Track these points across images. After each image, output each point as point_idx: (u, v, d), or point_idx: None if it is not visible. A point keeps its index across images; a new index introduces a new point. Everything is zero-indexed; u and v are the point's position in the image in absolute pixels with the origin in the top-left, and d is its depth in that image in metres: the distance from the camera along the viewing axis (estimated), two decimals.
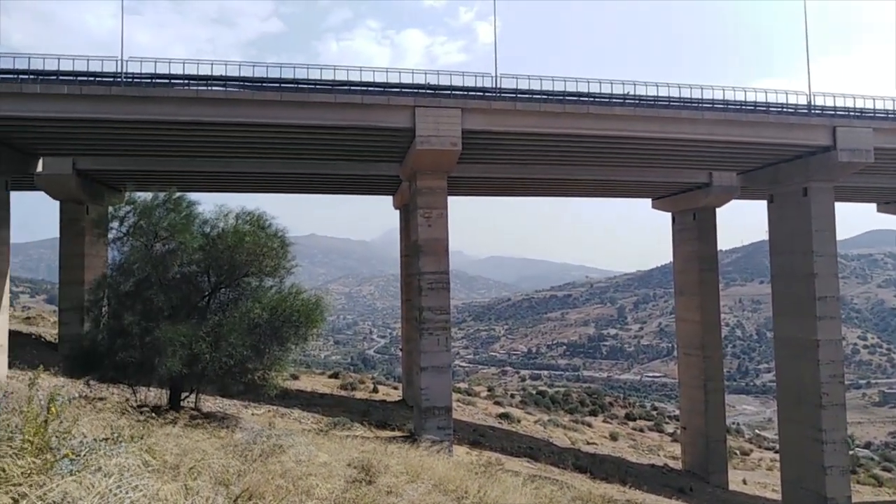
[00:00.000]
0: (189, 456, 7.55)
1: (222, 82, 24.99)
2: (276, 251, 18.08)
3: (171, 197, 17.88)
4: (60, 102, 23.56)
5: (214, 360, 15.96)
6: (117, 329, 16.69)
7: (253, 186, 38.80)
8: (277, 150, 29.18)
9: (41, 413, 4.32)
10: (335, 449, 14.09)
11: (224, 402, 24.69)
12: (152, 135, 26.14)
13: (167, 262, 17.49)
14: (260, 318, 17.05)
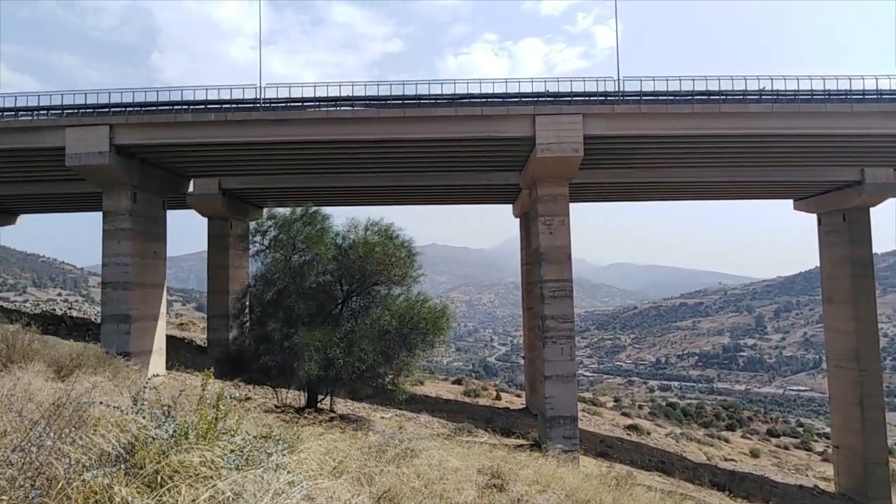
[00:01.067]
0: (330, 455, 8.01)
1: (349, 102, 26.37)
2: (403, 260, 18.77)
3: (307, 211, 19.11)
4: (208, 128, 25.93)
5: (347, 365, 16.79)
6: (261, 335, 18.03)
7: (379, 199, 40.37)
8: (401, 163, 30.24)
9: (211, 411, 4.70)
10: (464, 454, 14.27)
11: (355, 405, 25.82)
12: (288, 154, 28.03)
13: (304, 272, 18.68)
14: (389, 325, 17.74)
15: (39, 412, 6.30)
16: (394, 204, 42.64)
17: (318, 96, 26.50)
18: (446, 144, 26.42)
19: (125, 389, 11.70)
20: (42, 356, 13.65)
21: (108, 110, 26.79)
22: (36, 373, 12.32)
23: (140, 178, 27.59)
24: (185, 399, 6.71)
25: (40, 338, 14.70)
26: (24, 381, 10.99)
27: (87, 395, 6.84)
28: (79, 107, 27.42)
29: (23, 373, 12.09)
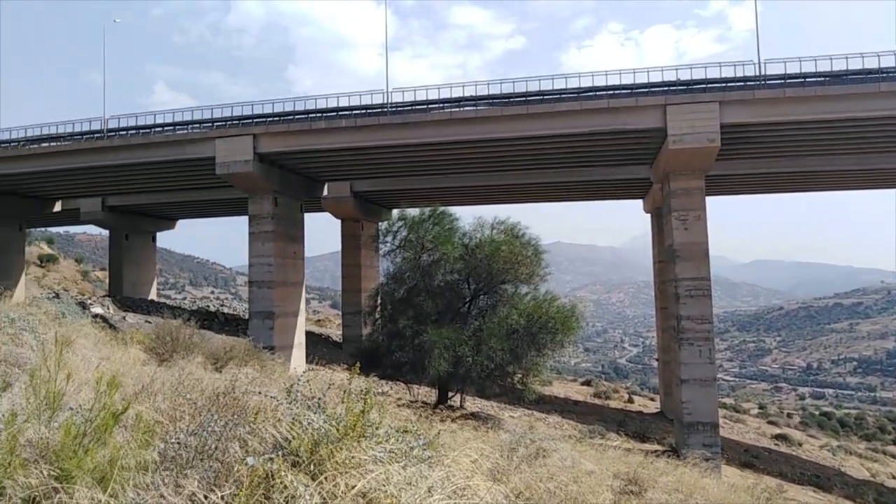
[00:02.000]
0: (461, 451, 8.04)
1: (473, 102, 26.57)
2: (529, 259, 18.63)
3: (435, 212, 19.49)
4: (340, 134, 27.15)
5: (477, 363, 16.91)
6: (393, 331, 18.63)
7: (504, 197, 40.37)
8: (526, 161, 29.99)
9: (357, 404, 4.80)
10: (597, 457, 13.86)
11: (483, 403, 25.95)
12: (414, 156, 28.72)
13: (432, 271, 19.07)
14: (517, 324, 17.67)
15: (203, 400, 6.82)
16: (518, 202, 42.46)
17: (443, 98, 26.96)
18: (572, 140, 25.83)
19: (272, 381, 12.48)
20: (201, 349, 14.89)
21: (251, 121, 28.91)
22: (197, 364, 13.45)
23: (280, 183, 29.47)
24: (331, 392, 6.94)
25: (198, 332, 16.06)
26: (188, 370, 12.01)
27: (242, 385, 7.33)
28: (226, 119, 29.82)
29: (185, 363, 13.24)
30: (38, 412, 3.16)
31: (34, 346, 7.63)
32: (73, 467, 2.84)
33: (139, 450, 3.22)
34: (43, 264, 58.77)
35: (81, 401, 4.48)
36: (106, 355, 10.80)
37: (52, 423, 3.14)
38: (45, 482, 2.67)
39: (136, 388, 5.85)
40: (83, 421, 3.14)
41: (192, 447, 3.54)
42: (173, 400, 6.70)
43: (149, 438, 3.38)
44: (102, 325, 23.33)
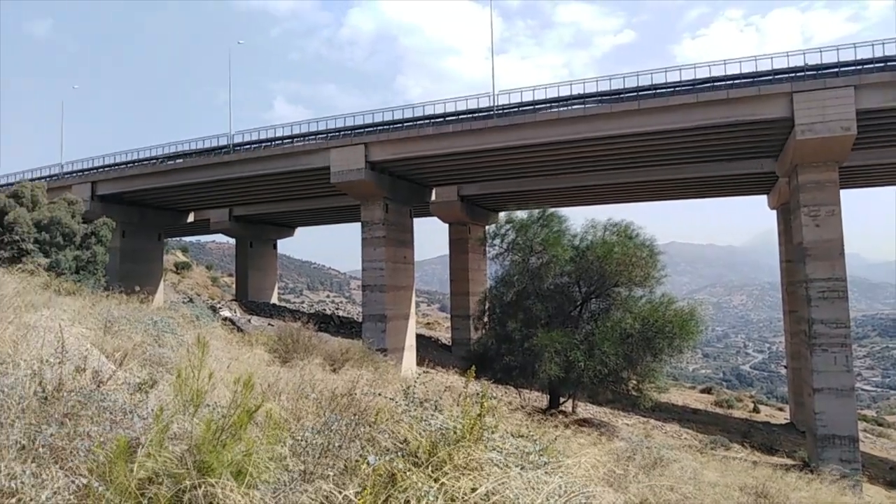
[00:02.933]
0: (578, 457, 7.85)
1: (581, 100, 26.02)
2: (644, 261, 17.95)
3: (543, 214, 19.24)
4: (447, 139, 27.52)
5: (589, 368, 16.50)
6: (502, 335, 18.58)
7: (615, 197, 39.24)
8: (637, 158, 28.97)
9: (473, 408, 4.79)
10: (720, 469, 13.13)
11: (595, 409, 25.28)
12: (521, 158, 28.55)
13: (542, 274, 18.83)
14: (632, 329, 17.06)
15: (323, 400, 7.10)
16: (630, 201, 41.10)
17: (550, 98, 26.63)
18: (687, 134, 24.65)
19: (387, 382, 12.81)
20: (319, 350, 15.56)
21: (363, 131, 29.97)
22: (316, 364, 14.05)
23: (390, 190, 30.32)
24: (446, 395, 7.00)
25: (316, 335, 16.79)
26: (308, 371, 12.57)
27: (361, 387, 7.55)
28: (339, 130, 31.10)
29: (305, 364, 13.87)
30: (183, 408, 3.40)
31: (174, 346, 8.27)
32: (213, 460, 3.01)
33: (270, 445, 3.38)
34: (178, 271, 63.92)
35: (217, 398, 4.78)
36: (235, 356, 11.53)
37: (195, 418, 3.36)
38: (190, 473, 2.86)
39: (263, 388, 6.15)
40: (220, 417, 3.33)
41: (318, 445, 3.68)
42: (296, 399, 7.02)
43: (279, 435, 3.54)
44: (230, 328, 24.99)
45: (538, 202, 21.76)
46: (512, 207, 24.83)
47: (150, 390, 4.62)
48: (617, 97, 25.32)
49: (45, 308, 7.85)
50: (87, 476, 2.86)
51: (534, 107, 26.80)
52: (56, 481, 2.84)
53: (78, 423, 3.39)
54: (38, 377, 3.72)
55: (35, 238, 21.77)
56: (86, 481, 2.82)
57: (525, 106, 27.00)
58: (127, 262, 37.34)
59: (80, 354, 4.64)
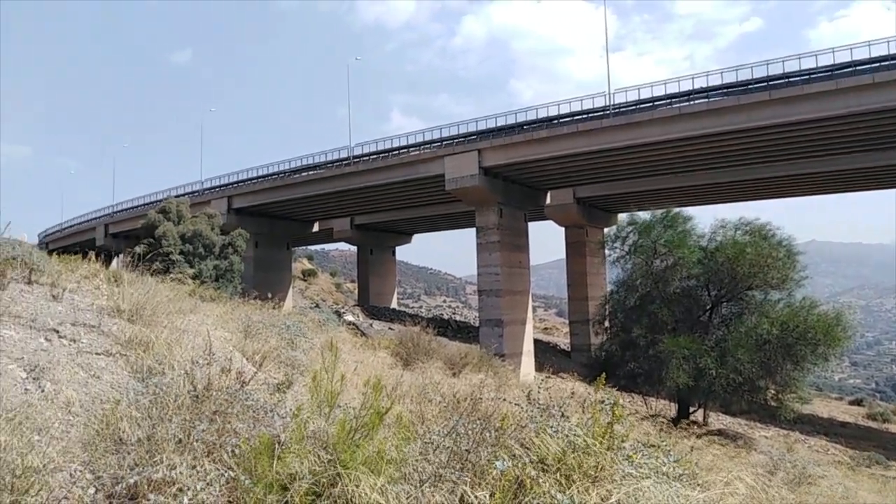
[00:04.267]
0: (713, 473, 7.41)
1: (704, 94, 24.70)
2: (781, 261, 16.65)
3: (667, 214, 18.41)
4: (562, 141, 27.07)
5: (721, 376, 15.54)
6: (625, 341, 17.94)
7: (744, 194, 36.89)
8: (767, 152, 27.01)
9: (602, 416, 4.64)
10: (877, 489, 11.93)
11: (728, 420, 23.77)
12: (641, 157, 27.50)
13: (667, 277, 18.01)
14: (769, 334, 15.89)
15: (446, 403, 7.15)
16: (762, 198, 38.45)
17: (669, 93, 25.51)
18: (825, 124, 22.65)
19: (507, 387, 12.76)
20: (438, 354, 15.80)
21: (476, 137, 30.20)
22: (436, 368, 14.28)
23: (504, 195, 30.29)
24: (571, 401, 6.84)
25: (435, 338, 17.06)
26: (428, 374, 12.79)
27: (484, 391, 7.55)
28: (453, 138, 31.56)
29: (426, 367, 14.13)
30: (318, 408, 3.53)
31: (306, 349, 8.70)
32: (348, 458, 3.10)
33: (401, 446, 3.44)
34: (305, 278, 67.62)
35: (348, 399, 4.96)
36: (360, 359, 11.96)
37: (329, 418, 3.49)
38: (327, 470, 2.96)
39: (387, 390, 6.29)
40: (353, 418, 3.44)
41: (446, 448, 3.70)
42: (419, 402, 7.13)
43: (408, 436, 3.60)
44: (354, 331, 26.00)
45: (660, 202, 20.84)
46: (632, 208, 23.95)
47: (287, 391, 4.88)
48: (744, 88, 23.80)
49: (192, 313, 8.53)
50: (235, 469, 3.04)
51: (653, 103, 25.79)
52: (208, 473, 3.04)
53: (226, 420, 3.63)
54: (190, 377, 4.01)
55: (181, 249, 23.84)
56: (234, 474, 3.00)
57: (643, 103, 26.05)
58: (260, 271, 39.94)
59: (225, 356, 4.97)
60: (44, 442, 3.16)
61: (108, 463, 3.14)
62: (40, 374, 4.04)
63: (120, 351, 5.02)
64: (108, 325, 5.66)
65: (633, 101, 26.41)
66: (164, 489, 2.91)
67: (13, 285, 6.06)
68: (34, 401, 3.68)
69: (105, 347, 5.02)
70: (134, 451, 3.21)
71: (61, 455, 3.02)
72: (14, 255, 6.68)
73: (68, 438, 3.40)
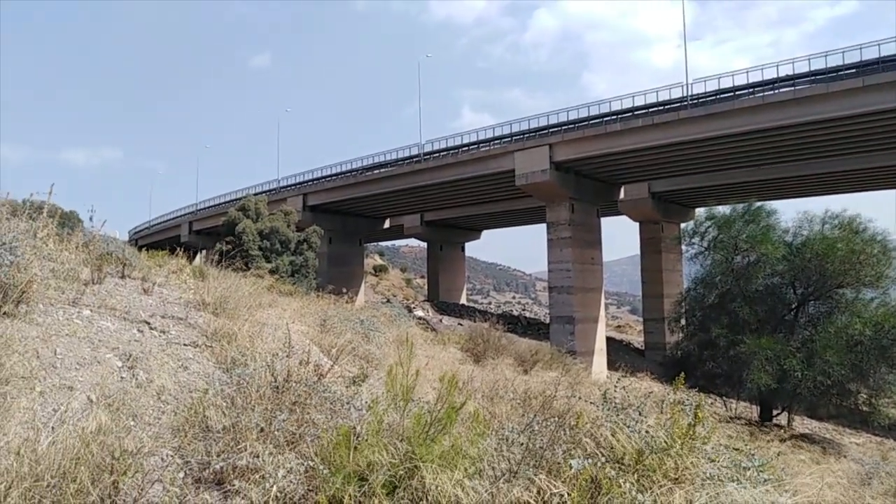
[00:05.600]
0: (798, 479, 7.07)
1: (790, 82, 23.45)
2: (875, 258, 15.62)
3: (749, 208, 17.63)
4: (636, 134, 26.33)
5: (807, 378, 14.76)
6: (704, 340, 17.32)
7: (830, 187, 34.79)
8: (858, 143, 25.37)
9: (683, 417, 4.54)
10: None
11: (815, 424, 22.56)
12: (721, 149, 26.41)
13: (749, 273, 17.25)
14: (861, 335, 14.95)
15: (519, 399, 7.11)
16: (852, 191, 36.13)
17: (752, 82, 24.37)
18: None
19: (580, 385, 12.56)
20: (508, 351, 15.74)
21: (546, 132, 29.82)
22: (507, 364, 14.22)
23: (576, 189, 29.79)
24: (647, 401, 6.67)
25: (505, 335, 17.00)
26: (499, 370, 12.75)
27: (560, 389, 7.46)
28: (523, 132, 31.28)
29: (497, 363, 14.10)
30: (393, 402, 3.58)
31: (379, 343, 8.86)
32: (423, 452, 3.13)
33: (476, 441, 3.44)
34: (376, 273, 68.85)
35: (421, 394, 5.01)
36: (431, 354, 12.07)
37: (405, 412, 3.53)
38: (404, 462, 2.99)
39: (459, 386, 6.32)
40: (427, 412, 3.46)
41: (520, 444, 3.67)
42: (491, 398, 7.13)
43: (483, 432, 3.59)
44: (424, 327, 26.26)
45: (741, 196, 19.92)
46: (710, 203, 23.01)
47: (363, 384, 4.97)
48: (834, 75, 22.43)
49: (271, 307, 8.84)
50: (314, 459, 3.12)
51: (734, 93, 24.70)
52: (289, 462, 3.14)
53: (304, 411, 3.73)
54: (271, 369, 4.15)
55: (259, 245, 24.74)
56: (313, 464, 3.08)
57: (724, 93, 24.98)
58: (333, 266, 40.96)
59: (303, 349, 5.12)
60: (138, 427, 3.35)
61: (196, 449, 3.30)
62: (134, 363, 4.28)
63: (206, 342, 5.25)
64: (195, 317, 5.93)
65: (713, 90, 25.38)
66: (248, 476, 3.02)
67: (109, 279, 6.44)
68: (129, 388, 3.90)
69: (192, 339, 5.26)
70: (220, 438, 3.36)
71: (153, 440, 3.19)
72: (109, 251, 7.11)
73: (159, 424, 3.58)
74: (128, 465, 2.67)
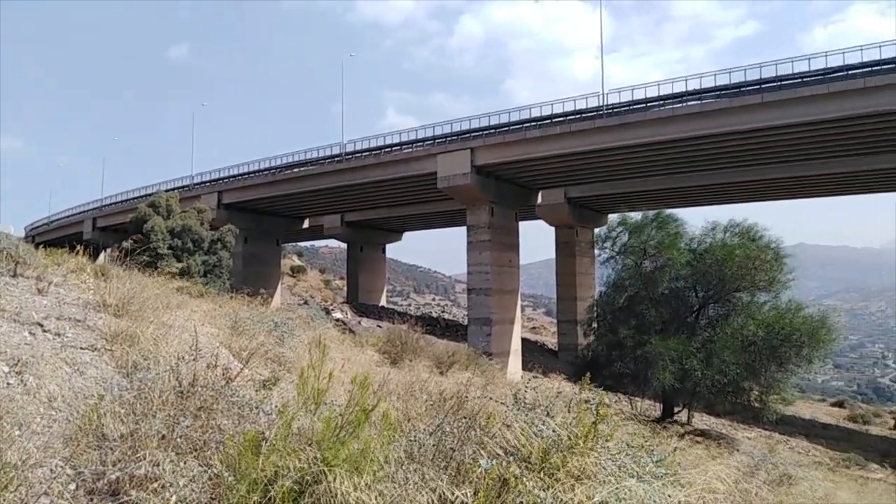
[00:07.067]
0: (694, 471, 7.47)
1: (697, 96, 24.81)
2: (769, 264, 16.79)
3: (658, 215, 18.52)
4: (554, 141, 27.12)
5: (706, 377, 15.67)
6: (613, 342, 18.03)
7: (733, 197, 37.10)
8: (758, 155, 27.20)
9: (587, 415, 4.67)
10: (856, 490, 12.07)
11: (712, 421, 23.96)
12: (633, 158, 27.61)
13: (656, 278, 18.11)
14: (755, 336, 16.03)
15: (432, 401, 7.15)
16: (753, 201, 38.70)
17: (663, 94, 25.60)
18: (817, 128, 22.84)
19: (494, 386, 12.78)
20: (426, 353, 15.78)
21: (469, 136, 30.20)
22: (423, 366, 14.25)
23: (496, 193, 30.33)
24: (557, 401, 6.87)
25: (423, 337, 17.03)
26: (416, 372, 12.76)
27: (472, 390, 7.54)
28: (446, 136, 31.53)
29: (413, 365, 14.10)
30: (304, 406, 3.53)
31: (293, 346, 8.68)
32: (332, 456, 3.10)
33: (386, 445, 3.44)
34: (294, 274, 67.39)
35: (334, 397, 4.95)
36: (347, 356, 11.92)
37: (316, 416, 3.49)
38: (312, 467, 2.95)
39: (374, 388, 6.30)
40: (338, 415, 3.43)
41: (431, 446, 3.71)
42: (406, 399, 7.13)
43: (394, 435, 3.60)
44: (342, 329, 25.93)
45: (650, 203, 20.96)
46: (623, 209, 24.07)
47: (274, 388, 4.86)
48: (737, 91, 23.93)
49: (180, 309, 8.49)
50: (219, 466, 3.03)
51: (646, 104, 25.87)
52: (191, 470, 3.03)
53: (210, 417, 3.62)
54: (176, 373, 3.99)
55: (169, 244, 23.69)
56: (217, 471, 2.99)
57: (636, 104, 26.12)
58: (248, 266, 39.80)
59: (212, 352, 4.95)
60: (24, 437, 3.14)
61: (89, 459, 3.13)
62: (23, 368, 4.01)
63: (105, 346, 4.99)
64: (94, 319, 5.62)
65: (627, 101, 26.47)
66: (147, 485, 2.90)
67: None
68: (16, 395, 3.65)
69: (90, 342, 4.98)
70: (117, 446, 3.20)
71: (42, 450, 3.00)
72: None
73: (50, 433, 3.37)
74: (10, 478, 2.51)
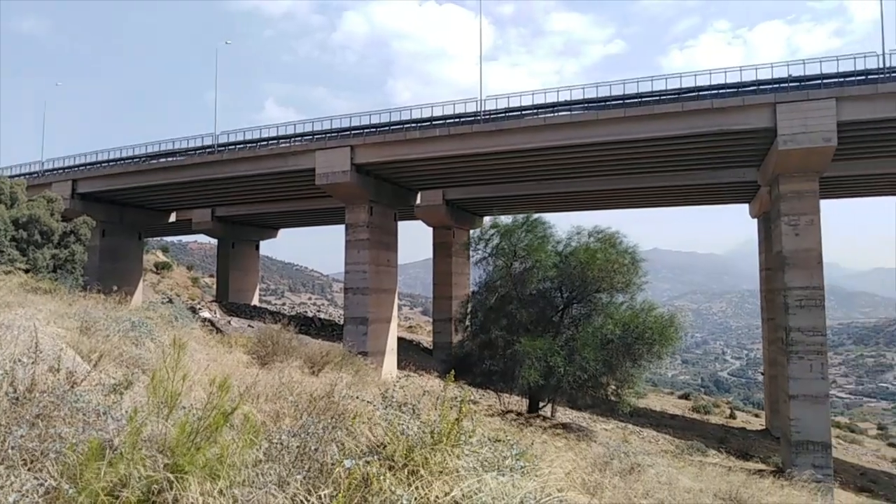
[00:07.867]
0: (554, 462, 7.91)
1: (568, 107, 26.17)
2: (626, 267, 18.10)
3: (528, 219, 19.33)
4: (434, 143, 27.54)
5: (569, 373, 16.59)
6: (485, 341, 18.61)
7: (599, 203, 39.51)
8: (623, 165, 29.22)
9: (451, 412, 4.80)
10: (695, 475, 13.25)
11: (575, 414, 25.43)
12: (508, 163, 28.65)
13: (525, 279, 18.91)
14: (612, 334, 17.20)
15: (302, 402, 7.05)
16: (615, 207, 41.41)
17: (537, 104, 26.76)
18: (672, 142, 24.91)
19: (367, 385, 12.77)
20: (299, 353, 15.44)
21: (349, 133, 29.88)
22: (295, 367, 13.95)
23: (375, 192, 30.27)
24: (424, 399, 7.01)
25: (296, 337, 16.65)
26: (287, 373, 12.46)
27: (340, 389, 7.51)
28: (326, 132, 31.00)
29: (285, 366, 13.75)
30: (157, 410, 3.37)
31: (151, 348, 8.19)
32: (186, 463, 2.99)
33: (246, 448, 3.36)
34: (158, 271, 63.26)
35: (193, 400, 4.74)
36: (213, 357, 11.42)
37: (170, 420, 3.34)
38: (162, 475, 2.83)
39: (240, 390, 6.12)
40: (196, 419, 3.31)
41: (293, 448, 3.67)
42: (275, 401, 6.98)
43: (254, 438, 3.53)
44: (210, 329, 24.74)
45: (523, 207, 21.91)
46: (497, 212, 24.96)
47: (126, 392, 4.57)
48: (603, 104, 25.52)
49: (21, 307, 7.75)
50: (58, 478, 2.83)
51: (520, 112, 26.93)
52: (24, 483, 2.80)
53: (50, 425, 3.35)
54: (10, 377, 3.67)
55: (12, 236, 21.44)
56: (55, 483, 2.79)
57: (512, 111, 27.12)
58: (106, 262, 36.93)
59: (55, 354, 4.59)
60: None
61: None
62: None
63: None
64: None
65: (503, 108, 27.40)
66: None
67: None
68: None
69: None
70: None
71: None
72: None
73: None
74: None
